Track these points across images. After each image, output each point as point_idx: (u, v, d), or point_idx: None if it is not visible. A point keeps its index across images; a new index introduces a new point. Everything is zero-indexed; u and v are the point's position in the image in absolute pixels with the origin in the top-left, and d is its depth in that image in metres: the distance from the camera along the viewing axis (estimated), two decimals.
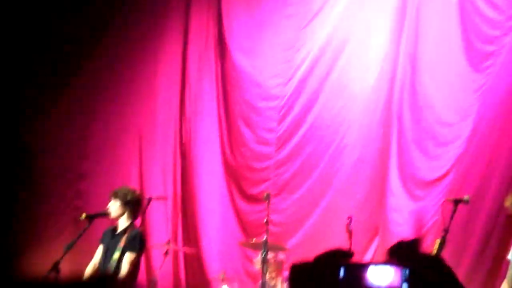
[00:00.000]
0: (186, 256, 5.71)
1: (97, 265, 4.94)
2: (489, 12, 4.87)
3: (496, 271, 4.68)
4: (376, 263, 2.02)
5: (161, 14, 5.95)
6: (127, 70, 5.98)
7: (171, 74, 5.93)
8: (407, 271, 1.79)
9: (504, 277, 4.13)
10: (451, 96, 5.02)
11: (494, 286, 4.55)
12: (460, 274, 4.44)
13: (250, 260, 5.13)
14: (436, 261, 2.01)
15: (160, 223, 5.78)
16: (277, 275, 5.10)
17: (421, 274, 1.82)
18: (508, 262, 4.16)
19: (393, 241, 3.64)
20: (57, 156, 6.07)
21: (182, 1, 5.92)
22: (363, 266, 1.95)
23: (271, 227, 4.80)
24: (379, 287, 1.82)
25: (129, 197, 4.84)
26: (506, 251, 4.19)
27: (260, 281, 4.76)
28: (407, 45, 5.12)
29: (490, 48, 4.88)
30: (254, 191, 5.52)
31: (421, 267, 1.86)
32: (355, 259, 2.16)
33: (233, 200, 5.66)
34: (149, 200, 5.15)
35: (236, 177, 5.68)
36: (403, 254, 1.87)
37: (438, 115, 5.03)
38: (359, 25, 5.33)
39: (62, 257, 4.55)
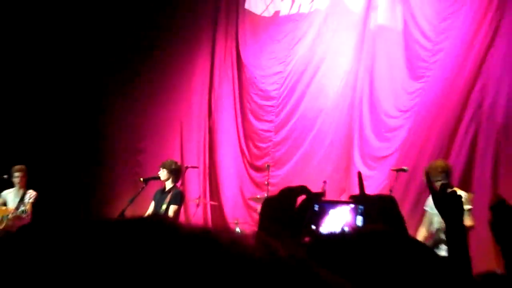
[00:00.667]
0: (211, 207, 7.21)
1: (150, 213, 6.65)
2: (423, 41, 6.28)
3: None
4: (340, 203, 2.36)
5: (195, 38, 7.57)
6: (171, 76, 7.65)
7: (202, 80, 7.58)
8: (362, 208, 1.96)
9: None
10: (396, 98, 6.47)
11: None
12: None
13: (255, 210, 6.62)
14: (387, 200, 2.07)
15: (194, 184, 7.36)
16: None
17: (373, 209, 1.95)
18: (424, 211, 5.76)
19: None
20: (123, 137, 7.70)
21: (210, 31, 7.54)
22: (331, 204, 2.20)
23: (270, 187, 6.36)
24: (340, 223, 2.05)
25: (173, 167, 6.17)
26: None
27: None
28: (366, 62, 6.53)
29: (423, 64, 6.26)
30: (259, 163, 7.12)
31: (374, 204, 1.98)
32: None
33: (245, 168, 7.24)
34: (186, 168, 6.66)
35: (246, 153, 7.27)
36: (361, 197, 2.00)
37: (387, 110, 6.46)
38: (331, 47, 6.78)
39: (125, 208, 5.83)
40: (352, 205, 2.05)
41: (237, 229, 6.67)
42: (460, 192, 2.77)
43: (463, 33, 6.18)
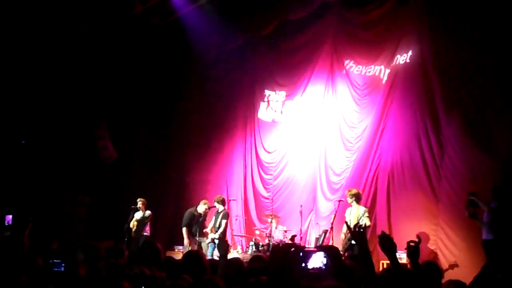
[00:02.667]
0: (245, 220, 12.73)
1: (212, 226, 11.02)
2: (349, 132, 11.63)
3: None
4: (314, 251, 3.24)
5: (234, 129, 13.49)
6: (222, 150, 13.51)
7: (238, 152, 13.31)
8: (325, 254, 3.00)
9: None
10: (341, 162, 11.59)
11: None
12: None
13: (265, 222, 11.85)
14: (334, 249, 3.40)
15: (235, 209, 12.92)
16: (276, 225, 11.28)
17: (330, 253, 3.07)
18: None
19: (319, 216, 11.16)
20: (197, 183, 13.36)
21: (242, 128, 13.37)
22: (310, 252, 3.12)
23: (273, 207, 11.74)
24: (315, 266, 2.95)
25: (220, 199, 11.05)
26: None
27: (269, 228, 11.19)
28: (320, 143, 11.86)
29: (351, 145, 11.53)
30: (266, 196, 12.67)
31: (330, 250, 3.19)
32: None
33: (259, 198, 12.77)
34: (229, 200, 12.06)
35: (258, 193, 12.84)
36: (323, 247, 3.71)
37: (334, 171, 11.56)
38: (297, 142, 12.24)
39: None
40: (322, 252, 3.05)
41: (256, 232, 12.04)
42: (362, 207, 7.95)
43: (371, 127, 11.27)
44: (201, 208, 11.14)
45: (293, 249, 3.02)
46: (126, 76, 12.68)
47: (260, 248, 11.06)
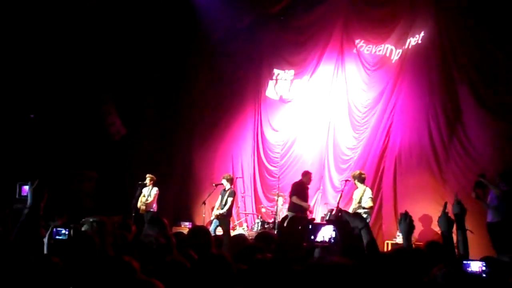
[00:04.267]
0: (249, 198, 12.83)
1: (218, 204, 10.78)
2: (358, 113, 11.68)
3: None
4: (323, 224, 3.26)
5: (244, 109, 13.40)
6: (231, 125, 13.40)
7: (247, 128, 13.27)
8: (334, 228, 2.99)
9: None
10: (348, 142, 11.61)
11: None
12: None
13: (272, 200, 11.91)
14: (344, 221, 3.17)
15: (241, 185, 12.88)
16: (283, 203, 11.38)
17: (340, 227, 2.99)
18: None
19: (326, 196, 11.22)
20: (203, 163, 13.45)
21: (253, 103, 13.30)
22: (319, 225, 3.16)
23: (280, 185, 11.77)
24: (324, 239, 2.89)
25: (228, 177, 10.99)
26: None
27: (276, 207, 11.40)
28: (330, 125, 11.87)
29: (359, 128, 11.50)
30: (272, 175, 12.68)
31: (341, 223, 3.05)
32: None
33: (266, 177, 12.74)
34: (236, 178, 11.89)
35: (264, 171, 12.85)
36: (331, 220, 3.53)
37: (342, 151, 11.55)
38: (305, 120, 12.23)
39: (205, 200, 11.13)
40: (331, 226, 3.05)
41: (263, 210, 12.19)
42: (364, 187, 8.10)
43: (380, 107, 11.20)
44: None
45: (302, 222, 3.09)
46: (135, 52, 12.62)
47: (265, 226, 11.14)
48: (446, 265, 2.60)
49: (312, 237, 3.08)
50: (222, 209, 10.70)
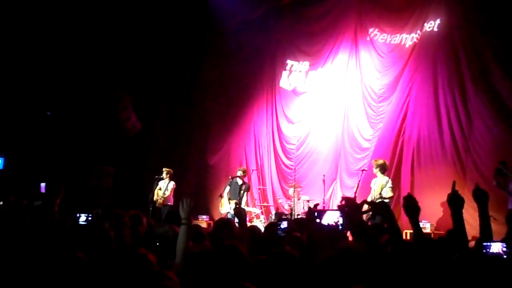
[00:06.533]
0: (265, 190, 12.61)
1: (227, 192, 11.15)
2: (373, 104, 11.63)
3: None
4: (328, 210, 4.68)
5: (256, 101, 13.33)
6: (243, 118, 13.41)
7: (261, 121, 13.20)
8: (340, 213, 3.09)
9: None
10: (365, 132, 11.47)
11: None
12: None
13: (287, 191, 12.05)
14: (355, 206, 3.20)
15: (256, 179, 12.84)
16: (298, 195, 11.27)
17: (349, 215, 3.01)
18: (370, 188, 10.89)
19: (343, 186, 11.16)
20: (219, 154, 13.45)
21: (264, 94, 13.28)
22: (323, 211, 4.24)
23: (296, 177, 11.86)
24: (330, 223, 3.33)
25: (243, 170, 11.35)
26: None
27: (292, 198, 11.29)
28: (345, 116, 11.71)
29: (375, 117, 11.36)
30: (289, 166, 12.59)
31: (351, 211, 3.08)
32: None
33: (282, 169, 12.68)
34: (252, 170, 12.09)
35: (281, 163, 12.72)
36: (341, 206, 2.95)
37: (358, 141, 11.39)
38: (320, 111, 12.10)
39: (222, 193, 11.23)
40: (337, 211, 3.34)
41: (279, 201, 12.14)
42: (386, 177, 7.93)
43: (396, 97, 11.05)
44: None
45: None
46: (149, 46, 12.64)
47: (282, 217, 11.13)
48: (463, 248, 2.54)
49: (319, 220, 3.26)
50: (239, 201, 10.69)
